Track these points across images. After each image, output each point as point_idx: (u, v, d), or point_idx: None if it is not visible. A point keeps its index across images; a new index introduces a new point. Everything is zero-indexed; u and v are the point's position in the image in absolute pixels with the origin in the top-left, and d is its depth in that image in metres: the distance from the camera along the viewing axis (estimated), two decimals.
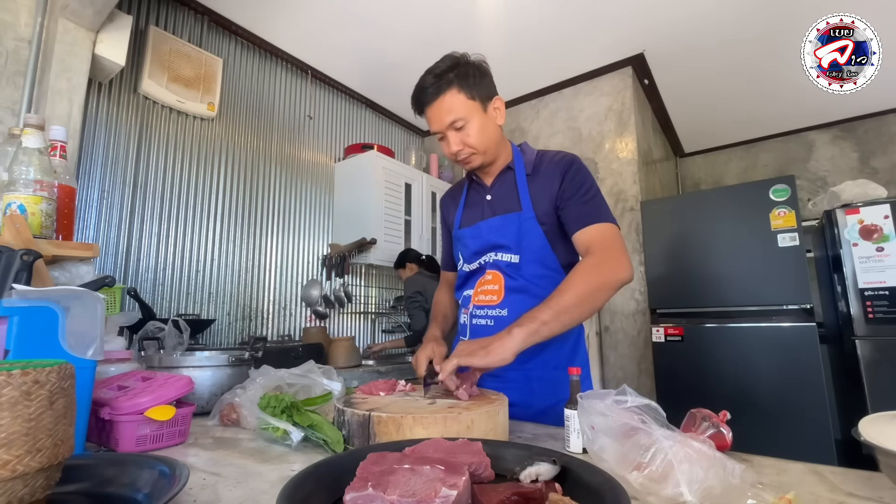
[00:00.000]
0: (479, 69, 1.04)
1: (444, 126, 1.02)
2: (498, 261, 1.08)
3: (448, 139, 1.04)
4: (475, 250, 1.12)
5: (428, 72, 1.03)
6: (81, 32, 1.70)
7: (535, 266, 1.05)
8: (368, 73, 3.21)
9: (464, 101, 1.00)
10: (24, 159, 1.04)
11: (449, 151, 1.06)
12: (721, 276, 2.44)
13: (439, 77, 1.00)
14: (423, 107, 1.04)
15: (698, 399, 1.76)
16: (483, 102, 1.03)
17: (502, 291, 1.06)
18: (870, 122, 3.82)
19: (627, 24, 2.71)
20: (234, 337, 2.54)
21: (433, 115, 1.03)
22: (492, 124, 1.06)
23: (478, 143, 1.04)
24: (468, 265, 1.15)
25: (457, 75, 1.00)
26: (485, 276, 1.10)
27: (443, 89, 1.00)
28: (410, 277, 2.89)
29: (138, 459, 0.55)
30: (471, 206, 1.19)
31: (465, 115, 1.01)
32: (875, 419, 0.57)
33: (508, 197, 1.10)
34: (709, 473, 0.48)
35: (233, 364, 1.08)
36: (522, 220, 1.05)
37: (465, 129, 1.02)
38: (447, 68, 1.01)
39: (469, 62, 1.03)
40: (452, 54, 1.04)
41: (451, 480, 0.42)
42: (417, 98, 1.05)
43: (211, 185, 2.54)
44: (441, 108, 1.01)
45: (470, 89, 1.01)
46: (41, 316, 0.65)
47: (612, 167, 3.12)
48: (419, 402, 0.78)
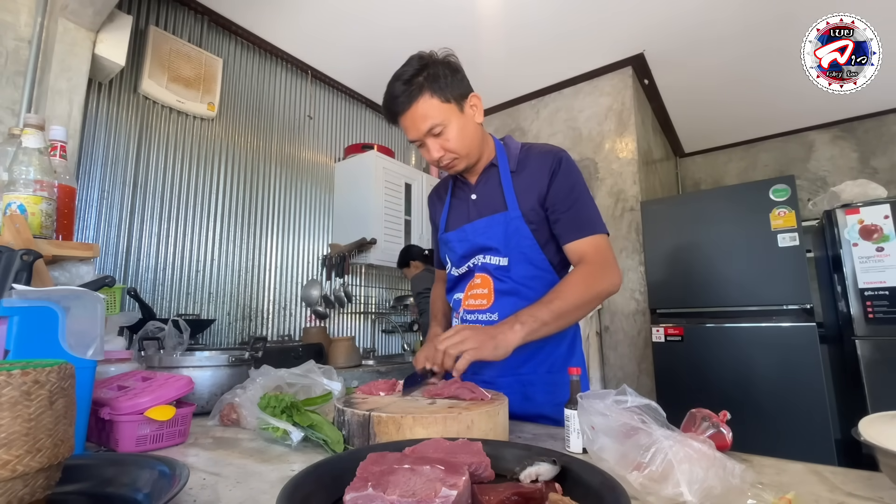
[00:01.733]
0: (449, 67, 0.97)
1: (421, 134, 0.97)
2: (486, 264, 1.05)
3: (428, 146, 0.98)
4: (462, 254, 1.09)
5: (396, 77, 0.95)
6: (81, 32, 1.70)
7: (525, 267, 1.02)
8: (368, 73, 3.21)
9: (438, 105, 0.94)
10: (24, 159, 1.04)
11: (430, 159, 1.00)
12: (721, 276, 2.44)
13: (409, 83, 0.93)
14: (395, 116, 0.98)
15: (698, 399, 1.77)
16: (458, 103, 0.97)
17: (492, 295, 1.04)
18: (870, 122, 3.82)
19: (627, 24, 2.71)
20: (234, 337, 2.54)
21: (408, 124, 0.97)
22: (470, 124, 1.00)
23: (459, 146, 0.99)
24: (456, 269, 1.12)
25: (427, 78, 0.93)
26: (474, 280, 1.08)
27: (414, 96, 0.93)
28: (417, 275, 2.86)
29: (138, 459, 0.55)
30: (456, 206, 1.15)
31: (441, 119, 0.95)
32: (875, 419, 0.57)
33: (493, 196, 1.06)
34: (709, 473, 0.48)
35: (233, 364, 1.08)
36: (509, 220, 1.01)
37: (444, 133, 0.96)
38: (415, 72, 0.94)
39: (437, 61, 0.96)
40: (420, 55, 0.97)
41: (451, 480, 0.42)
42: (389, 107, 0.97)
43: (211, 185, 2.54)
44: (415, 116, 0.95)
45: (443, 91, 0.94)
46: (41, 316, 0.65)
47: (612, 167, 3.12)
48: (419, 402, 0.77)
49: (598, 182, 3.16)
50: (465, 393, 0.79)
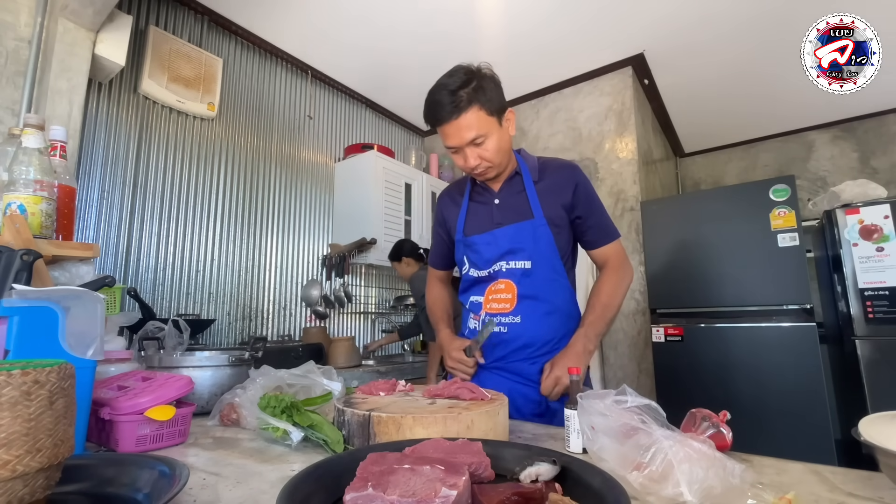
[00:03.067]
0: (493, 81, 1.03)
1: (463, 142, 1.01)
2: (511, 269, 1.10)
3: (465, 154, 1.03)
4: (489, 257, 1.13)
5: (442, 86, 1.00)
6: (81, 32, 1.70)
7: (546, 271, 1.09)
8: (368, 73, 3.21)
9: (484, 117, 1.00)
10: (24, 159, 1.04)
11: (466, 166, 1.05)
12: (721, 276, 2.44)
13: (456, 93, 0.98)
14: (439, 123, 1.02)
15: (698, 399, 1.77)
16: (499, 116, 1.03)
17: (515, 299, 1.09)
18: (870, 122, 3.82)
19: (627, 24, 2.71)
20: (234, 337, 2.54)
21: (451, 132, 1.01)
22: (506, 136, 1.07)
23: (495, 157, 1.04)
24: (478, 271, 1.15)
25: (475, 90, 0.98)
26: (496, 285, 1.12)
27: (462, 107, 0.98)
28: (417, 274, 2.75)
29: (138, 459, 0.55)
30: (475, 211, 1.18)
31: (485, 131, 1.01)
32: (875, 419, 0.57)
33: (519, 203, 1.12)
34: (709, 473, 0.48)
35: (233, 364, 1.08)
36: (535, 227, 1.08)
37: (484, 144, 1.02)
38: (462, 83, 0.98)
39: (484, 75, 1.02)
40: (467, 67, 1.01)
41: (451, 480, 0.42)
42: (434, 114, 1.02)
43: (211, 185, 2.54)
44: (461, 125, 0.99)
45: (489, 105, 1.00)
46: (41, 316, 0.65)
47: (612, 167, 3.12)
48: (419, 402, 0.78)
49: (599, 182, 3.16)
50: (464, 393, 0.79)
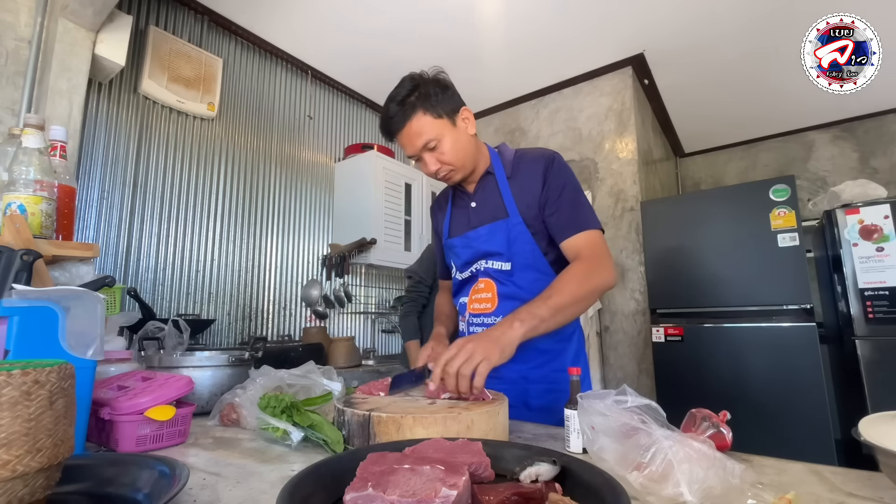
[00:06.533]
0: (439, 84, 1.03)
1: (417, 149, 1.03)
2: (489, 268, 1.09)
3: (424, 160, 1.05)
4: (466, 259, 1.13)
5: (390, 99, 1.02)
6: (81, 32, 1.70)
7: (527, 271, 1.06)
8: (368, 73, 3.21)
9: (431, 121, 1.00)
10: (24, 159, 1.04)
11: (428, 172, 1.06)
12: (721, 276, 2.44)
13: (402, 103, 1.00)
14: (392, 135, 1.04)
15: (698, 399, 1.76)
16: (450, 117, 1.03)
17: (496, 299, 1.07)
18: (870, 122, 3.82)
19: (627, 24, 2.71)
20: (234, 337, 2.54)
21: (405, 141, 1.03)
22: (463, 136, 1.06)
23: (454, 158, 1.04)
24: (460, 273, 1.16)
25: (419, 97, 1.00)
26: (477, 285, 1.12)
27: (408, 115, 1.00)
28: None
29: (138, 459, 0.56)
30: (457, 215, 1.20)
31: (435, 134, 1.01)
32: (875, 419, 0.57)
33: (493, 203, 1.10)
34: (709, 473, 0.48)
35: (233, 364, 1.08)
36: (510, 226, 1.06)
37: (439, 147, 1.02)
38: (408, 92, 1.00)
39: (428, 80, 1.03)
40: (411, 76, 1.03)
41: (451, 480, 0.42)
42: (386, 127, 1.04)
43: (211, 185, 2.54)
44: (410, 133, 1.01)
45: (434, 108, 1.00)
46: (41, 316, 0.65)
47: (612, 167, 3.12)
48: (419, 402, 0.77)
49: (598, 182, 3.16)
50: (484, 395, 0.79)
